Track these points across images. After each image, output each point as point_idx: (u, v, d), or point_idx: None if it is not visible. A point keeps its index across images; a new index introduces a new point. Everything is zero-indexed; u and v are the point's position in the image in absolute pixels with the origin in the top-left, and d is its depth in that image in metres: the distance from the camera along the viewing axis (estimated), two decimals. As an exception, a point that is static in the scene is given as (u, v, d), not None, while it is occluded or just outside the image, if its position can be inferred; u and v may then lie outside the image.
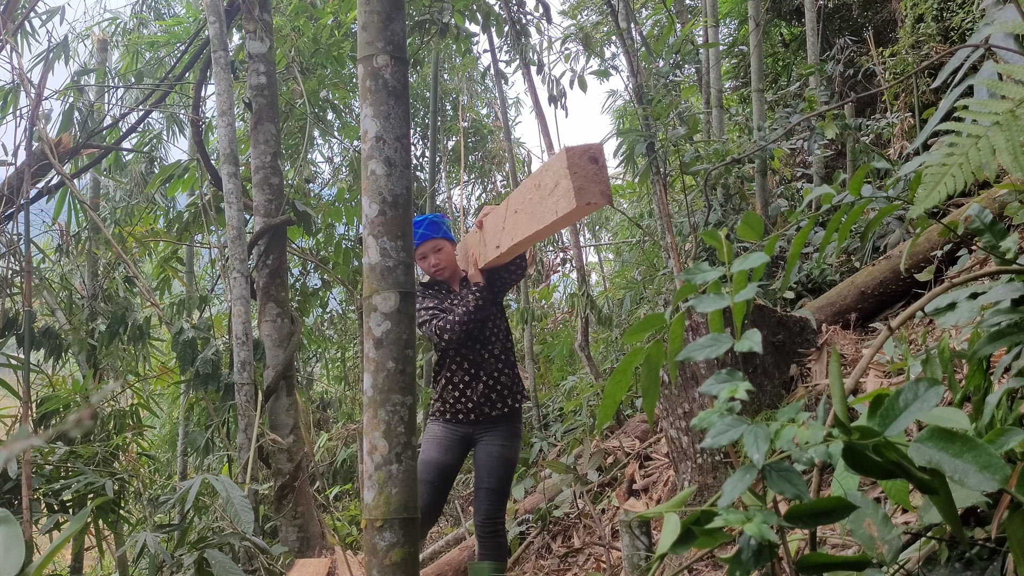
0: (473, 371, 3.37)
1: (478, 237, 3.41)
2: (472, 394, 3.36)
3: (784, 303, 4.94)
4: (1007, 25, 1.54)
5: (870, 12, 8.50)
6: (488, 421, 3.38)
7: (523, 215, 2.78)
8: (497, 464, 3.36)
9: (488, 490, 3.32)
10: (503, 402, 3.39)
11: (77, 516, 2.44)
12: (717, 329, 1.51)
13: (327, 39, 6.44)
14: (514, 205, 2.90)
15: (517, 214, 2.86)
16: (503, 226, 3.05)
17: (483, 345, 3.40)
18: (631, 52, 5.79)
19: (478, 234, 3.41)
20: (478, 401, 3.36)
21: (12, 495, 3.50)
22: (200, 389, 4.38)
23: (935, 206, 1.44)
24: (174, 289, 6.82)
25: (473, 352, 3.38)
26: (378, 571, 2.03)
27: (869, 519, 1.44)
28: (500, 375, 3.40)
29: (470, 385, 3.37)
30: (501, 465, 3.36)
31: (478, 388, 3.37)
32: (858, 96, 1.92)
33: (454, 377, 3.38)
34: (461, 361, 3.38)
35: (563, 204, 2.41)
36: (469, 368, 3.38)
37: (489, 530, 3.31)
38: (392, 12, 2.23)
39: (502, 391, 3.40)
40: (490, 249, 3.25)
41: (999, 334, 1.44)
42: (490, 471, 3.34)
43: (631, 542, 3.22)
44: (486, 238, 3.31)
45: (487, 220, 3.30)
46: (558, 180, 2.43)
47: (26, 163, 4.18)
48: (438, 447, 3.37)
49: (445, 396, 3.38)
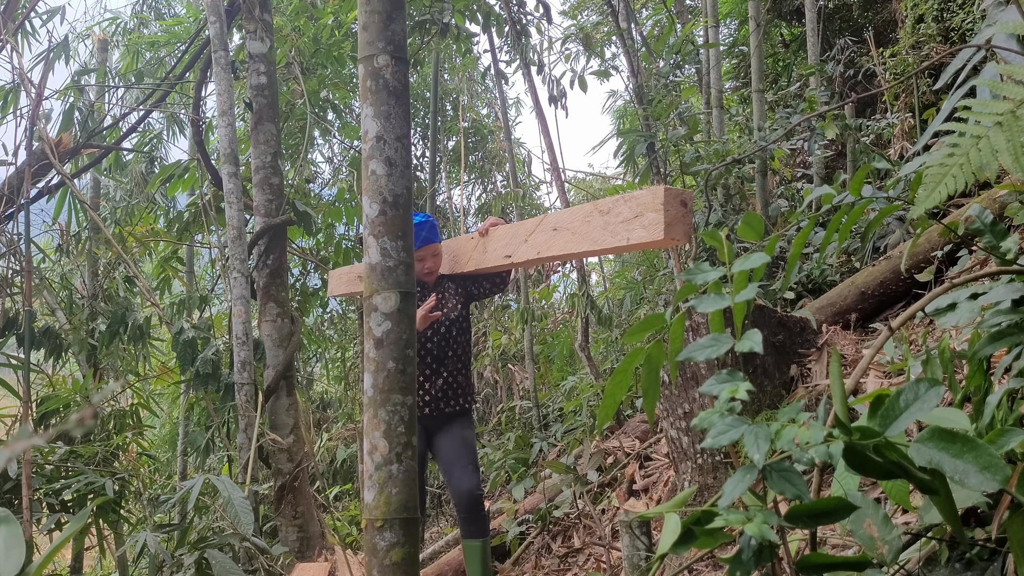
0: (435, 366, 3.52)
1: (474, 243, 3.54)
2: (431, 388, 3.52)
3: (784, 303, 4.94)
4: (1008, 26, 1.54)
5: (870, 12, 8.50)
6: (442, 417, 3.55)
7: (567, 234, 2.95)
8: (465, 444, 3.52)
9: (466, 466, 3.48)
10: (456, 400, 3.56)
11: (77, 516, 2.44)
12: (718, 329, 1.51)
13: (327, 39, 6.44)
14: (553, 223, 3.06)
15: (557, 231, 3.01)
16: (526, 239, 3.19)
17: (447, 344, 3.55)
18: (631, 52, 5.79)
19: (475, 241, 3.53)
20: (436, 395, 3.52)
21: (12, 495, 3.50)
22: (200, 389, 4.38)
23: (935, 207, 1.44)
24: (174, 289, 6.82)
25: (438, 348, 3.53)
26: (378, 571, 2.03)
27: (869, 519, 1.44)
28: (458, 374, 3.57)
29: (430, 379, 3.52)
30: (468, 444, 3.53)
31: (437, 383, 3.52)
32: (858, 96, 1.92)
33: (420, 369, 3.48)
34: (424, 356, 3.51)
35: (642, 234, 2.59)
36: (432, 363, 3.52)
37: (476, 506, 3.46)
38: (392, 12, 2.23)
39: (458, 389, 3.57)
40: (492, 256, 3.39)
41: (999, 334, 1.44)
42: (460, 451, 3.50)
43: (631, 542, 3.22)
44: (488, 246, 3.45)
45: (495, 231, 3.43)
46: (642, 211, 2.60)
47: (26, 163, 4.18)
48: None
49: None
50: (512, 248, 3.28)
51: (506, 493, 5.70)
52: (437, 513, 7.39)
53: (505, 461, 6.10)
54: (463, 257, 3.67)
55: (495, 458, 6.24)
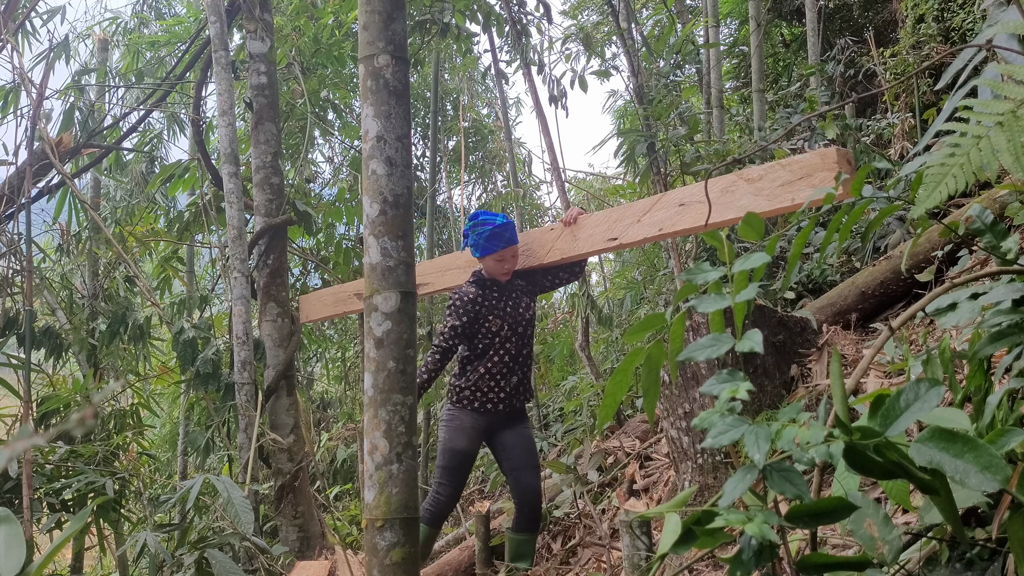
0: (512, 365, 3.67)
1: (557, 234, 3.70)
2: (506, 385, 3.66)
3: (784, 303, 4.94)
4: (1009, 26, 1.54)
5: (871, 12, 8.49)
6: (512, 412, 3.72)
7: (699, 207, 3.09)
8: (531, 444, 3.75)
9: (535, 467, 3.72)
10: (525, 396, 3.76)
11: (78, 515, 2.44)
12: (718, 329, 1.51)
13: (328, 39, 6.44)
14: (678, 199, 3.20)
15: (684, 206, 3.15)
16: (638, 220, 3.33)
17: (524, 343, 3.72)
18: (632, 52, 5.79)
19: (557, 231, 3.69)
20: (510, 392, 3.67)
21: (13, 494, 3.50)
22: (200, 389, 4.38)
23: (936, 206, 1.44)
24: (174, 289, 6.82)
25: (515, 348, 3.68)
26: (378, 571, 2.03)
27: (870, 519, 1.44)
28: (528, 371, 3.76)
29: (506, 377, 3.66)
30: (532, 444, 3.76)
31: (512, 380, 3.67)
32: (859, 96, 1.92)
33: (493, 368, 3.63)
34: (503, 355, 3.65)
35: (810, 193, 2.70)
36: (509, 362, 3.66)
37: (536, 503, 3.71)
38: (393, 12, 2.23)
39: (527, 385, 3.77)
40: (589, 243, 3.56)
41: (1000, 334, 1.44)
42: (529, 451, 3.73)
43: (631, 542, 3.21)
44: (580, 234, 3.59)
45: (586, 218, 3.59)
46: (810, 172, 2.77)
47: (27, 162, 4.18)
48: (466, 437, 3.65)
49: (480, 386, 3.63)
50: (620, 230, 3.40)
51: (506, 493, 5.70)
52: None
53: (505, 461, 6.09)
54: (541, 249, 3.76)
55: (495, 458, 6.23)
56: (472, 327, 3.62)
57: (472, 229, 3.70)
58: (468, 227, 3.74)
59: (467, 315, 3.60)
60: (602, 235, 3.50)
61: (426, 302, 7.60)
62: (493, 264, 3.67)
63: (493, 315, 3.62)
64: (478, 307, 3.61)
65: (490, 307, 3.64)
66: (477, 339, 3.65)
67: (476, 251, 3.69)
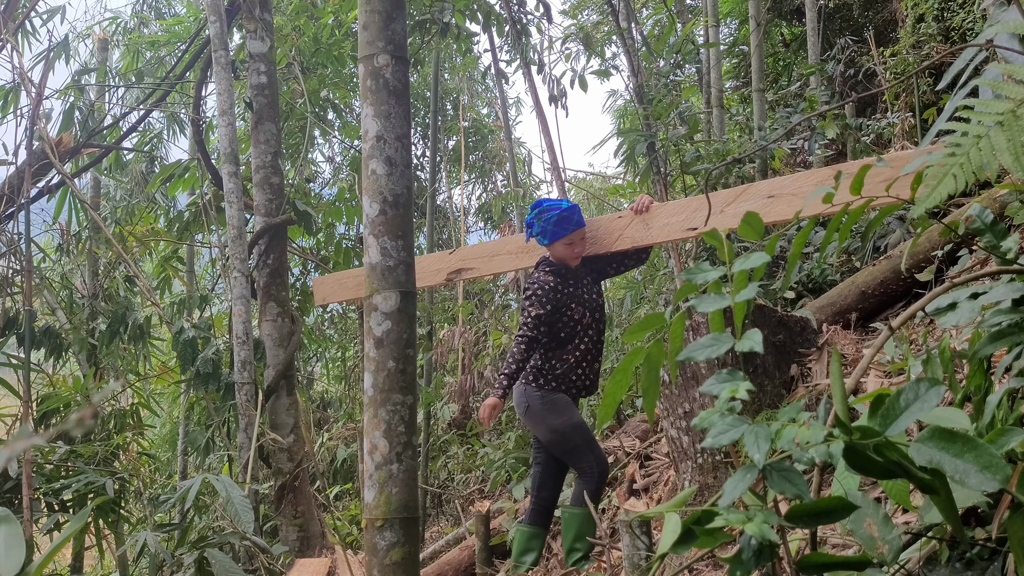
0: (595, 351, 3.75)
1: (626, 222, 3.69)
2: (591, 372, 3.74)
3: (784, 303, 4.93)
4: (1010, 25, 1.54)
5: (871, 12, 8.49)
6: (588, 395, 3.81)
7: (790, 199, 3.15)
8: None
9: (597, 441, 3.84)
10: (600, 379, 3.85)
11: (77, 515, 2.44)
12: (718, 329, 1.51)
13: (328, 39, 6.44)
14: (766, 191, 3.23)
15: (774, 198, 3.18)
16: (722, 210, 3.33)
17: (601, 328, 3.79)
18: (632, 52, 5.79)
19: (626, 219, 3.69)
20: (594, 378, 3.77)
21: (13, 494, 3.50)
22: (200, 388, 4.38)
23: (936, 206, 1.44)
24: (174, 288, 6.82)
25: (596, 333, 3.74)
26: (378, 571, 2.03)
27: (870, 519, 1.44)
28: (600, 355, 3.82)
29: (590, 363, 3.73)
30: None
31: (594, 366, 3.76)
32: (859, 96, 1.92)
33: (580, 356, 3.68)
34: (590, 341, 3.70)
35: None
36: (593, 348, 3.73)
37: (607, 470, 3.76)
38: (393, 12, 2.23)
39: (600, 370, 3.86)
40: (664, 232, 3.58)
41: (1000, 334, 1.44)
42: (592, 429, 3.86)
43: (631, 542, 3.21)
44: (653, 222, 3.60)
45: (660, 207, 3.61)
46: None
47: (27, 162, 4.18)
48: (572, 408, 3.71)
49: (568, 374, 3.67)
50: (699, 220, 3.40)
51: (506, 493, 5.70)
52: (437, 513, 7.39)
53: (505, 461, 6.10)
54: (608, 237, 3.74)
55: (495, 458, 6.24)
56: (554, 316, 3.60)
57: (537, 217, 3.65)
58: (532, 216, 3.69)
59: (550, 303, 3.56)
60: (680, 224, 3.49)
61: (426, 302, 7.60)
62: (563, 249, 3.63)
63: (574, 303, 3.62)
64: (558, 295, 3.58)
65: (570, 295, 3.62)
66: (559, 327, 3.64)
67: (544, 238, 3.64)
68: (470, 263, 4.26)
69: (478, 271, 4.31)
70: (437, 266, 4.37)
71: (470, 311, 8.70)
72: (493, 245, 4.44)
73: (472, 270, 4.28)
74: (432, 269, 4.37)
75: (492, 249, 4.31)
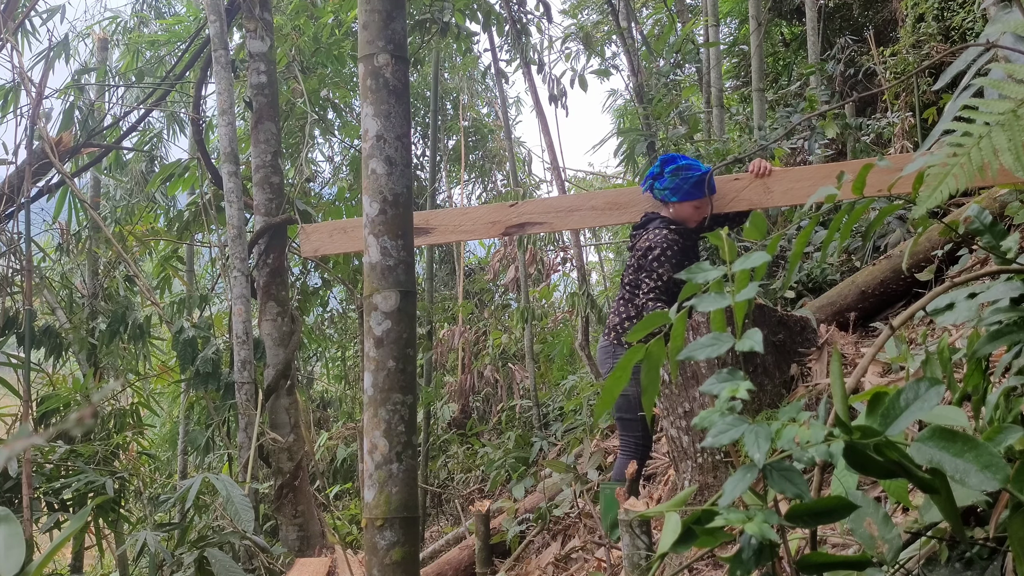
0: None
1: (743, 184, 3.65)
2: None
3: (785, 302, 4.94)
4: (1011, 25, 1.54)
5: (871, 11, 8.49)
6: None
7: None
8: None
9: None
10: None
11: (77, 515, 2.44)
12: (718, 328, 1.51)
13: (327, 38, 6.44)
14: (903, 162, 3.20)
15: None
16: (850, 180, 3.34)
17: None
18: (632, 51, 5.79)
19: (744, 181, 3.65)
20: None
21: (12, 494, 3.50)
22: (200, 388, 4.38)
23: (936, 206, 1.44)
24: (174, 288, 6.81)
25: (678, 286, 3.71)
26: (378, 570, 2.03)
27: (869, 518, 1.44)
28: None
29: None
30: None
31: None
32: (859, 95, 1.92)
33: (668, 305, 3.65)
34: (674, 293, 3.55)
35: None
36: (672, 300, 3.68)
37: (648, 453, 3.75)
38: (393, 11, 2.23)
39: None
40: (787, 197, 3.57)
41: (998, 333, 1.44)
42: None
43: (631, 542, 3.21)
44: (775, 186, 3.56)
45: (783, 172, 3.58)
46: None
47: (27, 162, 4.18)
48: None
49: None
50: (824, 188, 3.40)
51: (506, 492, 5.70)
52: (437, 512, 7.40)
53: (505, 460, 6.11)
54: (721, 199, 3.67)
55: (495, 457, 6.25)
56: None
57: (673, 173, 3.51)
58: (669, 168, 3.54)
59: (680, 265, 3.47)
60: (805, 191, 3.44)
61: (426, 302, 7.60)
62: (691, 211, 3.56)
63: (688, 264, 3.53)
64: (683, 256, 3.51)
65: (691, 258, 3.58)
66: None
67: (674, 195, 3.53)
68: (538, 217, 3.90)
69: (549, 226, 3.99)
70: (494, 217, 3.97)
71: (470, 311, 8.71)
72: (572, 199, 4.19)
73: (541, 225, 3.94)
74: (486, 221, 3.98)
75: (570, 204, 3.99)
